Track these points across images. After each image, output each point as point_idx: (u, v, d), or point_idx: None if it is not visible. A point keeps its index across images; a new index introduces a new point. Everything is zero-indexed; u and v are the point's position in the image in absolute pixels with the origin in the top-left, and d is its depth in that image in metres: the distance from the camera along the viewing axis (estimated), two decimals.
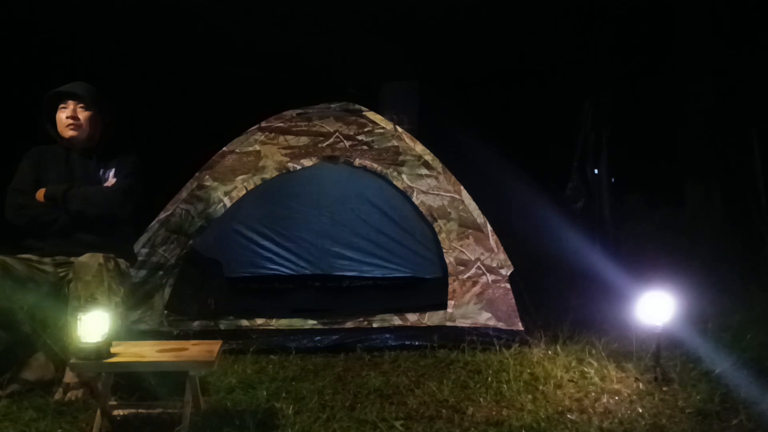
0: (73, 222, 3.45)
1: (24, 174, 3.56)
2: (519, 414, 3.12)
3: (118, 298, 3.22)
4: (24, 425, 3.01)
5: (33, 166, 3.58)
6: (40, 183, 3.53)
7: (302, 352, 4.01)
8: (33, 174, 3.56)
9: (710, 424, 3.04)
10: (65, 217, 3.45)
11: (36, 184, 3.53)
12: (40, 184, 3.52)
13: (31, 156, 3.62)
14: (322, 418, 3.08)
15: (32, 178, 3.54)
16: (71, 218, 3.45)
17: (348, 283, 4.75)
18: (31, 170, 3.57)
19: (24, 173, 3.57)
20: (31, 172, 3.56)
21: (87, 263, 3.21)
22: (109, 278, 3.20)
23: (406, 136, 4.57)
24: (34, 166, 3.58)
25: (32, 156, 3.62)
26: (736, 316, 4.37)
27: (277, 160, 4.45)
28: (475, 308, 4.18)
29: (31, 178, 3.54)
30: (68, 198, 3.45)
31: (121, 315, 3.28)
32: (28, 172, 3.56)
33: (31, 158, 3.61)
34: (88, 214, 3.45)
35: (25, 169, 3.58)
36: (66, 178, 3.55)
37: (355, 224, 4.74)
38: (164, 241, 4.22)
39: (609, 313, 4.42)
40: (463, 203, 4.39)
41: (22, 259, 3.38)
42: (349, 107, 4.68)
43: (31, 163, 3.59)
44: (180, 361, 2.88)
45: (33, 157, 3.62)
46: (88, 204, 3.46)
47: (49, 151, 3.63)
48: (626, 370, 3.62)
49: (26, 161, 3.61)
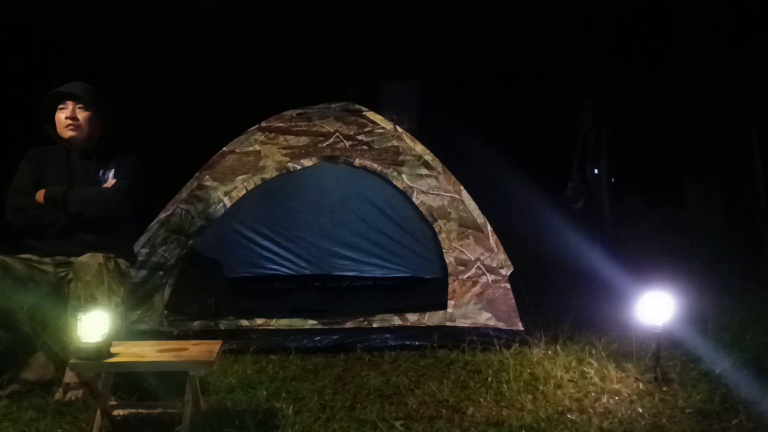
0: (73, 223, 3.45)
1: (24, 175, 3.56)
2: (519, 414, 3.12)
3: (118, 298, 3.23)
4: (24, 425, 3.01)
5: (33, 166, 3.58)
6: (40, 183, 3.53)
7: (302, 352, 4.00)
8: (33, 174, 3.55)
9: (710, 424, 3.04)
10: (65, 218, 3.45)
11: (36, 184, 3.53)
12: (40, 185, 3.52)
13: (31, 157, 3.62)
14: (322, 418, 3.08)
15: (32, 178, 3.54)
16: (71, 219, 3.45)
17: (348, 283, 4.75)
18: (30, 171, 3.57)
19: (24, 174, 3.57)
20: (31, 173, 3.56)
21: (87, 263, 3.21)
22: (109, 278, 3.20)
23: (406, 136, 4.57)
24: (33, 166, 3.58)
25: (32, 157, 3.62)
26: (736, 316, 4.37)
27: (277, 160, 4.45)
28: (475, 308, 4.18)
29: (31, 179, 3.54)
30: (68, 199, 3.45)
31: (121, 315, 3.29)
32: (28, 173, 3.56)
33: (31, 159, 3.61)
34: (88, 215, 3.45)
35: (24, 169, 3.58)
36: (66, 178, 3.55)
37: (355, 224, 4.75)
38: (164, 241, 4.22)
39: (609, 313, 4.42)
40: (463, 203, 4.39)
41: (23, 259, 3.38)
42: (349, 107, 4.68)
43: (31, 164, 3.59)
44: (180, 361, 2.88)
45: (33, 157, 3.62)
46: (88, 205, 3.46)
47: (49, 151, 3.63)
48: (626, 370, 3.62)
49: (26, 162, 3.61)
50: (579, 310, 4.54)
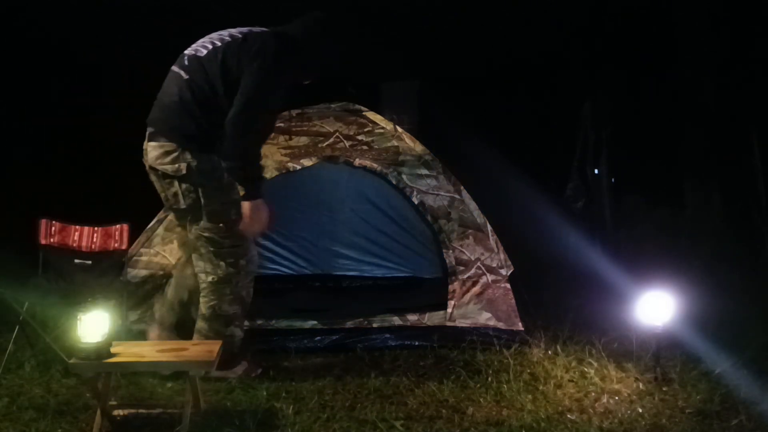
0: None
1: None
2: (519, 414, 3.12)
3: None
4: (24, 425, 3.01)
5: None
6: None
7: (302, 352, 4.00)
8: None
9: (710, 424, 3.04)
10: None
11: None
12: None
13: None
14: (322, 418, 3.08)
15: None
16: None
17: (348, 283, 4.74)
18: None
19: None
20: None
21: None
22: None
23: (406, 136, 4.57)
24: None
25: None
26: (736, 316, 4.37)
27: (277, 159, 4.44)
28: (475, 308, 4.18)
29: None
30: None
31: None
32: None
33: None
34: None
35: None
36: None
37: (355, 224, 4.74)
38: (164, 241, 4.21)
39: (609, 313, 4.42)
40: (463, 203, 4.38)
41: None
42: (349, 107, 4.68)
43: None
44: (180, 361, 2.88)
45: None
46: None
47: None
48: (626, 370, 3.62)
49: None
50: (579, 310, 4.54)
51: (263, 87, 3.31)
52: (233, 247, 3.45)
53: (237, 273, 3.48)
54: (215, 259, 3.44)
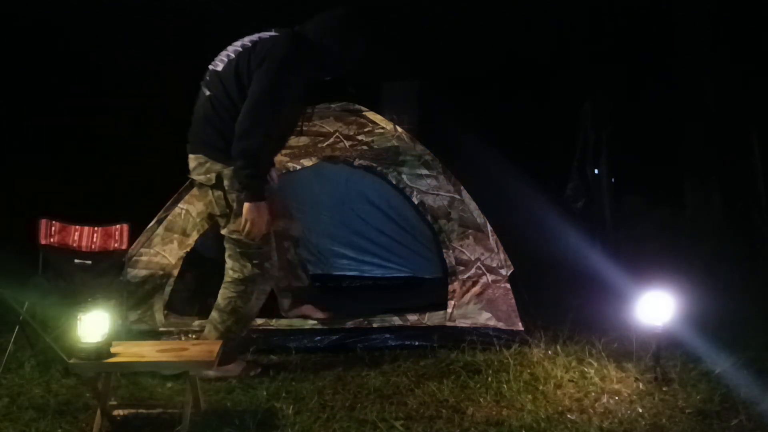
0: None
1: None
2: (519, 414, 3.12)
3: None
4: (24, 425, 3.02)
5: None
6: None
7: (302, 352, 4.00)
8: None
9: (710, 424, 3.04)
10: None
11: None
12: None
13: None
14: (322, 418, 3.09)
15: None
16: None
17: (348, 282, 4.75)
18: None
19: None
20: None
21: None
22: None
23: (406, 136, 4.57)
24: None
25: None
26: (736, 316, 4.37)
27: (277, 159, 4.43)
28: (475, 308, 4.18)
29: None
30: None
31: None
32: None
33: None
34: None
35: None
36: None
37: (355, 224, 4.75)
38: (164, 241, 4.21)
39: (609, 313, 4.41)
40: (463, 203, 4.38)
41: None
42: (349, 107, 4.67)
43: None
44: (180, 361, 2.88)
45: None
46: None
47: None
48: (626, 370, 3.62)
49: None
50: (579, 310, 4.53)
51: (269, 90, 3.40)
52: (259, 248, 3.58)
53: (261, 275, 3.60)
54: (242, 259, 3.59)
